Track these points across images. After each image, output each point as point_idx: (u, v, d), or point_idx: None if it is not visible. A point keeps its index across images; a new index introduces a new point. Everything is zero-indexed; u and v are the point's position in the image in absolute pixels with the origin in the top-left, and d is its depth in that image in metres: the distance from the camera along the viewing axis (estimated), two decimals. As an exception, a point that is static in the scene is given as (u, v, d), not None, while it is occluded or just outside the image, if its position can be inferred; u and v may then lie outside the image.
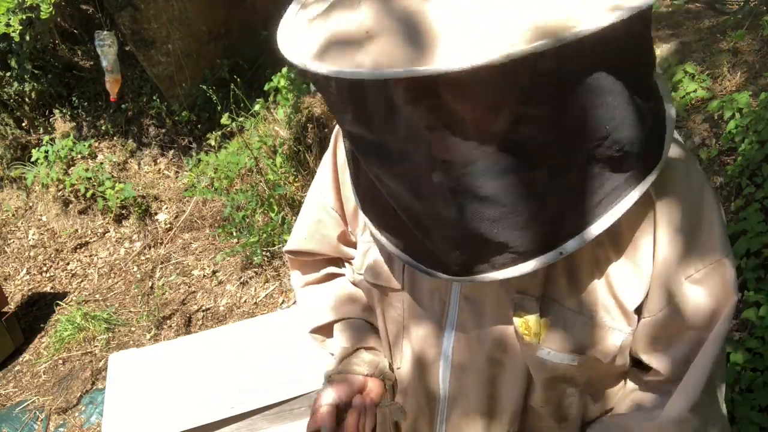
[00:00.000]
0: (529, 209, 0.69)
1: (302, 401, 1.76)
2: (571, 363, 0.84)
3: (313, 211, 1.09)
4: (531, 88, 0.61)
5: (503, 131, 0.64)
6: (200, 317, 3.55)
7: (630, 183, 0.71)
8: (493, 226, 0.70)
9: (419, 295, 0.94)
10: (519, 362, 0.88)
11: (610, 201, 0.71)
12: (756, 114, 2.45)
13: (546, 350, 0.84)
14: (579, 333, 0.82)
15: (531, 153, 0.66)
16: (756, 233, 2.25)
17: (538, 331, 0.83)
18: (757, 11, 3.05)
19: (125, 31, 4.18)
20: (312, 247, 1.11)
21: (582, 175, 0.69)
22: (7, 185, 4.69)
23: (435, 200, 0.71)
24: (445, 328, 0.92)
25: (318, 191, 1.08)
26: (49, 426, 3.13)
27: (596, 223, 0.71)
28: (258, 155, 3.73)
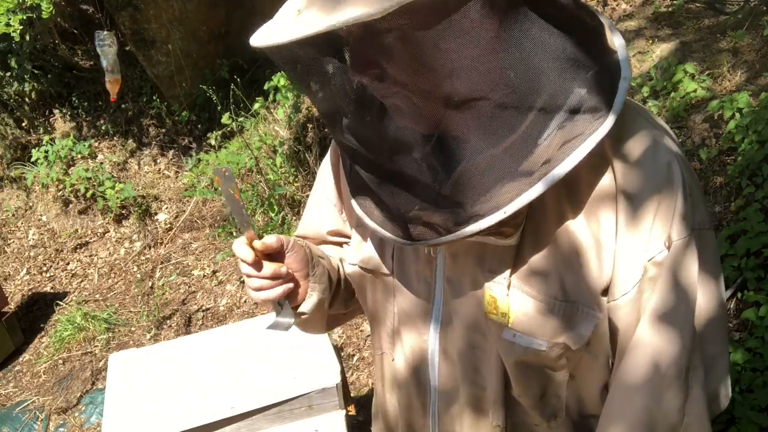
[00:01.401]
0: (492, 157, 0.71)
1: (302, 401, 1.76)
2: (538, 348, 0.83)
3: (315, 199, 1.14)
4: (440, 33, 0.65)
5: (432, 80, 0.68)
6: (200, 317, 3.56)
7: (588, 129, 0.72)
8: (461, 180, 0.73)
9: (407, 280, 0.96)
10: (494, 346, 0.89)
11: (591, 121, 0.72)
12: (756, 114, 2.45)
13: (512, 332, 0.84)
14: (545, 315, 0.82)
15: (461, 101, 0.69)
16: (756, 233, 2.25)
17: (506, 311, 0.84)
18: (757, 11, 3.05)
19: (125, 31, 4.18)
20: (312, 232, 1.16)
21: (536, 123, 0.71)
22: (7, 185, 4.69)
23: (403, 164, 0.76)
24: (432, 312, 0.94)
25: (321, 182, 1.12)
26: (49, 426, 3.13)
27: (562, 164, 0.72)
28: (258, 155, 3.74)
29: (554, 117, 0.71)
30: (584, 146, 0.71)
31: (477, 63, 0.68)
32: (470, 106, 0.70)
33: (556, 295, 0.81)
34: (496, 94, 0.69)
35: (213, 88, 3.96)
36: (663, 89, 2.94)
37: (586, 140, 0.71)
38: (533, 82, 0.70)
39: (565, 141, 0.71)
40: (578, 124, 0.71)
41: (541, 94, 0.70)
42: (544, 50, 0.70)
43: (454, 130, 0.71)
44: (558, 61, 0.71)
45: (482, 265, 0.85)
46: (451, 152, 0.73)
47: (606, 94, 0.73)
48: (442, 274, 0.91)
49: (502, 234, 0.79)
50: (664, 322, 0.77)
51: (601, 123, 0.72)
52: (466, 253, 0.87)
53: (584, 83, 0.72)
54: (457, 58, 0.67)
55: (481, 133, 0.71)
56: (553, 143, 0.71)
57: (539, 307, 0.82)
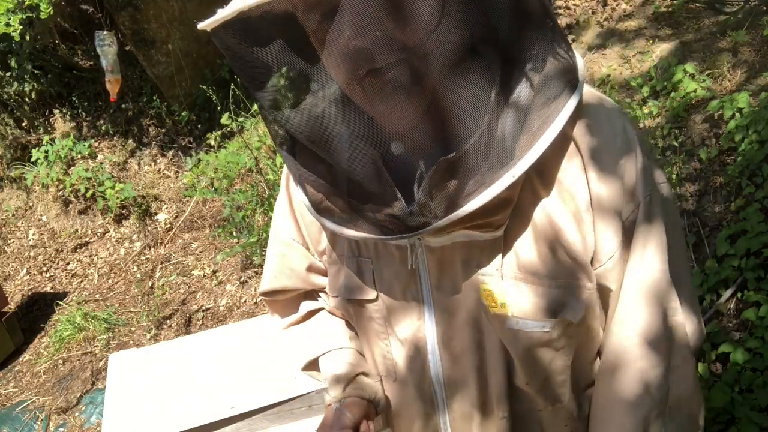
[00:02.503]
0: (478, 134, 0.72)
1: (302, 401, 1.76)
2: (543, 330, 0.84)
3: (276, 248, 1.09)
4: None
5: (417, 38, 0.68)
6: (200, 317, 3.56)
7: (570, 87, 0.75)
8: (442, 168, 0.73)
9: (394, 301, 0.94)
10: (496, 340, 0.89)
11: (559, 99, 0.75)
12: (756, 114, 2.45)
13: (515, 320, 0.85)
14: (543, 297, 0.83)
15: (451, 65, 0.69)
16: (756, 233, 2.25)
17: (504, 301, 0.84)
18: (757, 11, 3.05)
19: (125, 31, 4.18)
20: (283, 283, 1.10)
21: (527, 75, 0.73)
22: (7, 185, 4.69)
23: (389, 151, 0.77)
24: (426, 324, 0.93)
25: (277, 228, 1.08)
26: (49, 426, 3.13)
27: (558, 117, 0.74)
28: (258, 155, 3.74)
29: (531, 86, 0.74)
30: (556, 125, 0.74)
31: (470, 15, 0.69)
32: (463, 67, 0.70)
33: (548, 275, 0.83)
34: (487, 48, 0.71)
35: (213, 88, 3.96)
36: (663, 89, 2.94)
37: (557, 118, 0.74)
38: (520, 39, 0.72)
39: (542, 120, 0.74)
40: (549, 105, 0.74)
41: (527, 53, 0.73)
42: (527, 15, 0.73)
43: (447, 99, 0.71)
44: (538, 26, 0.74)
45: (470, 263, 0.85)
46: (436, 136, 0.74)
47: (569, 73, 0.77)
48: (428, 284, 0.90)
49: (491, 225, 0.80)
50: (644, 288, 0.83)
51: (568, 103, 0.75)
52: (451, 257, 0.87)
53: (555, 58, 0.75)
54: (456, 10, 0.68)
55: (469, 105, 0.71)
56: (542, 104, 0.74)
57: (535, 290, 0.83)
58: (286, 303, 1.16)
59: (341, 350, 1.08)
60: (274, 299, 1.15)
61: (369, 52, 0.69)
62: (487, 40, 0.70)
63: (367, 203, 0.79)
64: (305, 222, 1.03)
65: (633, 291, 0.83)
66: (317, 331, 1.13)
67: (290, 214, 1.05)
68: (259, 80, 0.78)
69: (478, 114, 0.71)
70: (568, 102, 0.75)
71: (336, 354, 1.08)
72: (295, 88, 0.79)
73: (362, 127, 0.77)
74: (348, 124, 0.78)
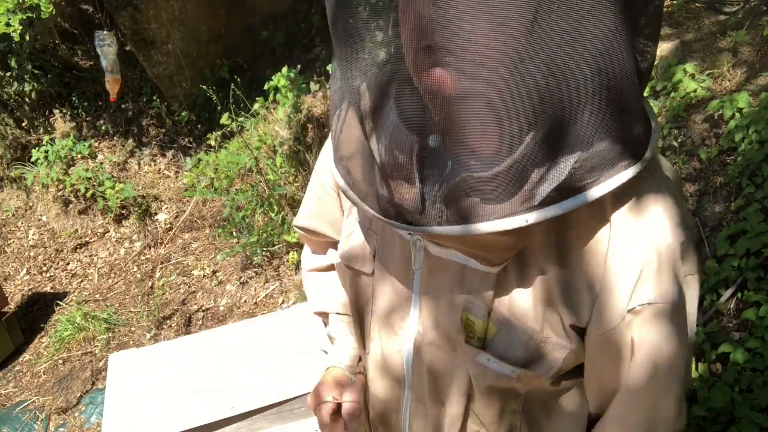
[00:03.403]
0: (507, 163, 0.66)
1: (302, 401, 1.76)
2: (510, 375, 0.83)
3: (315, 189, 1.11)
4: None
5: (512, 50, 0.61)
6: (200, 317, 3.55)
7: (625, 159, 0.68)
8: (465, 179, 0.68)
9: (386, 282, 0.95)
10: (463, 364, 0.88)
11: (606, 168, 0.67)
12: (756, 114, 2.45)
13: (486, 356, 0.83)
14: (522, 344, 0.81)
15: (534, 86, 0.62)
16: (756, 233, 2.25)
17: (482, 335, 0.83)
18: (757, 11, 3.05)
19: (125, 31, 4.18)
20: (315, 225, 1.13)
21: (581, 131, 0.65)
22: (7, 185, 4.69)
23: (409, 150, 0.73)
24: (409, 316, 0.93)
25: (319, 172, 1.10)
26: (49, 426, 3.13)
27: (597, 187, 0.67)
28: (258, 155, 3.74)
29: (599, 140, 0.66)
30: (610, 183, 0.67)
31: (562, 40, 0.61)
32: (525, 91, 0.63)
33: (532, 327, 0.80)
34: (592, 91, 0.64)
35: (213, 88, 3.96)
36: (663, 89, 2.94)
37: (612, 178, 0.68)
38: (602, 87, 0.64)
39: (596, 169, 0.67)
40: (609, 160, 0.68)
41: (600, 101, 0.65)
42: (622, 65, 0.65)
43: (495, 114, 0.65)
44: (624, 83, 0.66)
45: (461, 286, 0.83)
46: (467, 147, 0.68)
47: (643, 139, 0.70)
48: (419, 286, 0.89)
49: (488, 261, 0.78)
50: (656, 370, 0.77)
51: (616, 177, 0.68)
52: (444, 270, 0.85)
53: (622, 130, 0.68)
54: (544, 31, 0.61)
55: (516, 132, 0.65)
56: (585, 166, 0.66)
57: (516, 336, 0.81)
58: (316, 242, 1.19)
59: (349, 317, 1.10)
60: (307, 236, 1.18)
61: (433, 26, 0.63)
62: (564, 71, 0.62)
63: (382, 181, 0.76)
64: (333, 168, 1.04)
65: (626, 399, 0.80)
66: (333, 285, 1.16)
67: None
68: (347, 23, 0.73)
69: (516, 143, 0.65)
70: (618, 175, 0.68)
71: (348, 321, 1.11)
72: (375, 46, 0.75)
73: (409, 107, 0.73)
74: (400, 98, 0.75)
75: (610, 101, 0.65)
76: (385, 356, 0.99)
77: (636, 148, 0.70)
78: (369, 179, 0.78)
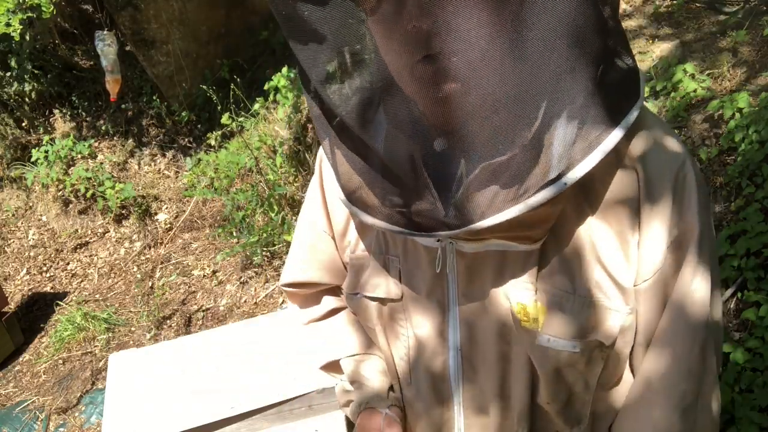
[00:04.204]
0: (523, 141, 0.68)
1: (302, 401, 1.76)
2: (572, 350, 0.82)
3: (306, 238, 1.07)
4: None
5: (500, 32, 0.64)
6: (200, 317, 3.56)
7: (615, 118, 0.71)
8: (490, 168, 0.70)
9: (418, 302, 0.92)
10: (523, 355, 0.87)
11: (616, 114, 0.70)
12: (756, 114, 2.45)
13: (546, 337, 0.82)
14: (577, 316, 0.81)
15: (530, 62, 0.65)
16: (756, 233, 2.25)
17: (536, 316, 0.82)
18: (757, 11, 3.05)
19: (125, 31, 4.18)
20: (311, 275, 1.08)
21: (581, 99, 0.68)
22: (7, 185, 4.69)
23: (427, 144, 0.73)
24: (449, 329, 0.90)
25: (309, 217, 1.06)
26: (49, 426, 3.13)
27: (613, 134, 0.70)
28: (258, 155, 3.74)
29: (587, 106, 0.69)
30: (610, 139, 0.71)
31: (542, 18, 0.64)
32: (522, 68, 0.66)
33: (583, 294, 0.80)
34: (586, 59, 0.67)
35: (213, 88, 3.96)
36: (663, 89, 2.94)
37: (612, 133, 0.71)
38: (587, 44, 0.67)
39: (597, 132, 0.70)
40: (606, 116, 0.70)
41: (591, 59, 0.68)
42: (597, 20, 0.68)
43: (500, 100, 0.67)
44: (605, 30, 0.70)
45: (503, 274, 0.83)
46: (483, 136, 0.69)
47: (629, 94, 0.73)
48: (455, 290, 0.88)
49: (529, 238, 0.78)
50: (687, 318, 0.80)
51: (627, 117, 0.72)
52: (483, 265, 0.84)
53: (613, 79, 0.71)
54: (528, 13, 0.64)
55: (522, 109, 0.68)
56: (598, 118, 0.70)
57: (569, 307, 0.81)
58: (310, 296, 1.14)
59: (370, 356, 1.07)
60: (296, 291, 1.13)
61: (428, 36, 0.65)
62: (553, 44, 0.66)
63: (403, 197, 0.76)
64: (334, 214, 1.01)
65: (676, 319, 0.80)
66: (341, 331, 1.11)
67: (322, 204, 1.02)
68: (310, 51, 0.73)
69: (531, 119, 0.68)
70: (627, 116, 0.71)
71: (369, 360, 1.07)
72: (348, 68, 0.75)
73: (406, 117, 0.73)
74: (392, 111, 0.75)
75: (602, 55, 0.69)
76: (428, 377, 0.97)
77: (635, 86, 0.73)
78: (393, 202, 0.77)
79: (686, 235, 0.78)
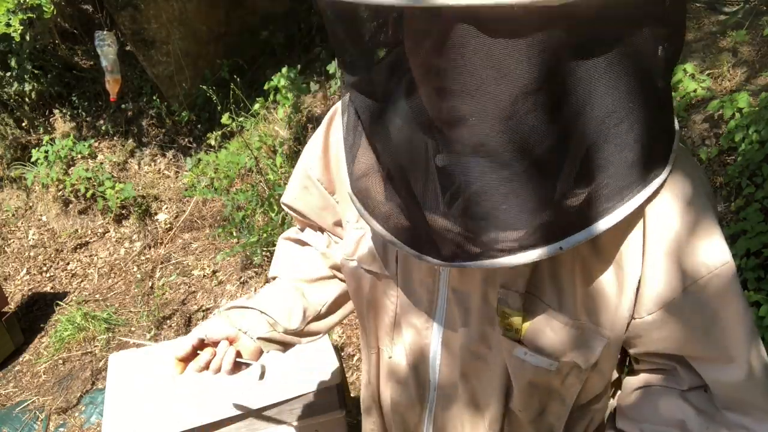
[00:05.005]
0: (533, 196, 0.66)
1: (302, 401, 1.76)
2: (548, 368, 0.82)
3: (301, 177, 1.12)
4: (559, 43, 0.56)
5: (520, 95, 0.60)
6: (200, 317, 3.55)
7: (638, 182, 0.68)
8: (495, 210, 0.68)
9: (410, 286, 0.93)
10: (500, 361, 0.87)
11: (617, 197, 0.68)
12: (756, 114, 2.45)
13: (523, 350, 0.83)
14: (559, 335, 0.81)
15: (542, 128, 0.62)
16: (756, 233, 2.25)
17: (518, 327, 0.82)
18: (757, 11, 3.05)
19: (125, 31, 4.18)
20: (300, 207, 1.15)
21: (592, 165, 0.65)
22: (7, 185, 4.69)
23: (433, 179, 0.72)
24: (434, 320, 0.92)
25: (306, 162, 1.10)
26: (49, 426, 3.13)
27: (604, 219, 0.68)
28: (258, 155, 3.74)
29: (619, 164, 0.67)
30: (633, 202, 0.69)
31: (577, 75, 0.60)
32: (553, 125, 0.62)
33: (569, 315, 0.80)
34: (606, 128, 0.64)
35: (213, 88, 3.96)
36: (663, 89, 2.94)
37: (637, 195, 0.69)
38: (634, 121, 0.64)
39: (613, 192, 0.68)
40: (633, 174, 0.68)
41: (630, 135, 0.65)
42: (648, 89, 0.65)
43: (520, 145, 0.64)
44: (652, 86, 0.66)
45: (494, 280, 0.83)
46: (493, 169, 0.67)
47: (665, 144, 0.71)
48: (446, 283, 0.88)
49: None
50: None
51: (654, 181, 0.70)
52: (476, 268, 0.84)
53: (657, 125, 0.68)
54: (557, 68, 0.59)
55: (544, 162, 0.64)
56: (604, 191, 0.67)
57: (552, 325, 0.81)
58: (301, 222, 1.21)
59: (287, 288, 1.13)
60: (293, 214, 1.20)
61: (444, 72, 0.63)
62: (591, 97, 0.61)
63: (402, 212, 0.75)
64: (339, 175, 1.02)
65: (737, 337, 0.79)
66: (292, 256, 1.20)
67: (322, 156, 1.05)
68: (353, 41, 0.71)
69: (541, 177, 0.65)
70: (656, 180, 0.70)
71: (278, 286, 1.14)
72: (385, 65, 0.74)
73: (420, 134, 0.72)
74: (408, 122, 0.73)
75: (646, 104, 0.65)
76: (408, 358, 0.98)
77: (668, 146, 0.71)
78: (393, 212, 0.77)
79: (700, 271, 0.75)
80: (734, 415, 0.82)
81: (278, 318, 1.09)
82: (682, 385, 0.86)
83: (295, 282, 1.14)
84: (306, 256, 1.18)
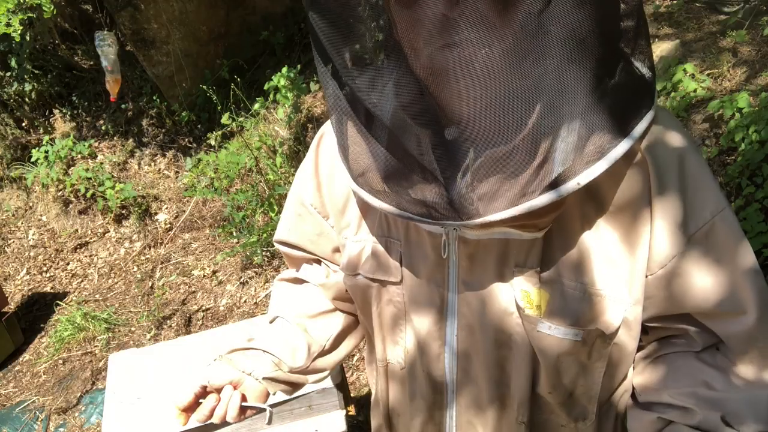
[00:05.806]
0: (545, 141, 0.69)
1: (302, 401, 1.76)
2: (574, 338, 0.82)
3: (294, 206, 1.10)
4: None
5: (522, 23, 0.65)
6: (200, 317, 3.56)
7: (634, 114, 0.72)
8: (510, 158, 0.70)
9: (417, 287, 0.92)
10: (524, 343, 0.86)
11: (621, 130, 0.71)
12: (756, 114, 2.45)
13: (547, 325, 0.82)
14: (579, 305, 0.81)
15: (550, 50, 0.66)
16: (756, 233, 2.25)
17: (539, 303, 0.82)
18: (757, 11, 3.05)
19: (125, 31, 4.18)
20: (294, 240, 1.12)
21: (598, 100, 0.68)
22: (7, 185, 4.69)
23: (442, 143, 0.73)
24: (447, 316, 0.91)
25: (298, 189, 1.08)
26: (49, 426, 3.13)
27: (614, 150, 0.70)
28: (258, 155, 3.74)
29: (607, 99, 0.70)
30: (629, 138, 0.72)
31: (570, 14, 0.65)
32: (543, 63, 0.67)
33: (585, 283, 0.80)
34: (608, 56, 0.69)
35: (213, 88, 3.96)
36: (663, 89, 2.94)
37: (616, 147, 0.71)
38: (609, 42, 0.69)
39: (602, 142, 0.71)
40: (612, 128, 0.71)
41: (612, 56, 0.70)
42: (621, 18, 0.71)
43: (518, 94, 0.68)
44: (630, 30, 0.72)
45: (506, 261, 0.83)
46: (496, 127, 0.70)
47: (643, 99, 0.74)
48: (456, 276, 0.88)
49: (536, 227, 0.78)
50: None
51: (645, 116, 0.74)
52: (485, 253, 0.84)
53: (638, 65, 0.73)
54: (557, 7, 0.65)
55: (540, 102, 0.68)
56: (593, 140, 0.70)
57: (572, 295, 0.81)
58: (292, 258, 1.18)
59: (287, 327, 1.09)
60: (287, 251, 1.17)
61: (453, 25, 0.67)
62: (575, 39, 0.66)
63: (411, 184, 0.76)
64: (331, 193, 1.01)
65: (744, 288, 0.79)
66: (290, 296, 1.16)
67: (314, 179, 1.03)
68: (331, 27, 0.74)
69: (544, 118, 0.68)
70: (639, 125, 0.73)
71: (279, 327, 1.10)
72: (367, 49, 0.76)
73: (417, 104, 0.74)
74: (404, 97, 0.76)
75: (626, 46, 0.71)
76: (420, 364, 0.97)
77: (650, 86, 0.75)
78: (400, 187, 0.78)
79: (704, 217, 0.77)
80: (753, 368, 0.82)
81: (282, 356, 1.06)
82: (695, 347, 0.86)
83: (297, 319, 1.11)
84: (305, 293, 1.15)
